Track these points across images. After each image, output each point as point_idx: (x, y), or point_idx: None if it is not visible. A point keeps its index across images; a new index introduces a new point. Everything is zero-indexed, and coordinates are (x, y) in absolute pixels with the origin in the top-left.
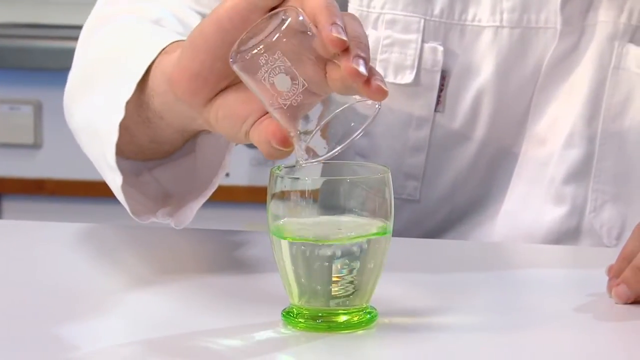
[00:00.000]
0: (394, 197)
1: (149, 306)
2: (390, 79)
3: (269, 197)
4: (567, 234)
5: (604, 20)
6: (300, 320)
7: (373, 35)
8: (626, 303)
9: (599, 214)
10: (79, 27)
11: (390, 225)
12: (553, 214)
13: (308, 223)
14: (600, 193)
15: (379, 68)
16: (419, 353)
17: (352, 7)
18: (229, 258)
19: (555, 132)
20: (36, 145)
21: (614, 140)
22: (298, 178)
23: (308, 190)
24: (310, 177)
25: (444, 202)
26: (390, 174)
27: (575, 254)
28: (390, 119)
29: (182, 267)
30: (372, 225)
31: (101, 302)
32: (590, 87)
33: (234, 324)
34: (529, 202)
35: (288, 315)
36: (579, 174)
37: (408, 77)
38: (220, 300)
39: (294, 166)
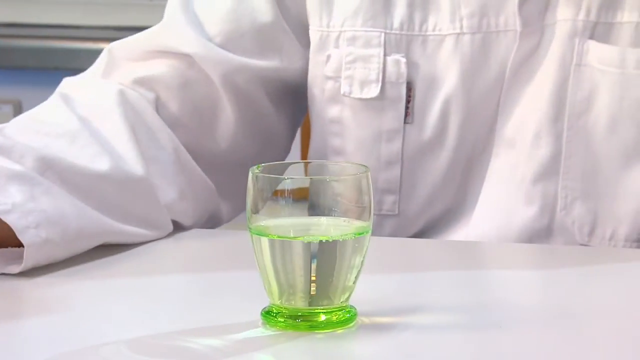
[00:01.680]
0: (363, 207)
1: (128, 306)
2: (356, 94)
3: (248, 196)
4: (540, 233)
5: (563, 19)
6: (279, 319)
7: (336, 54)
8: None
9: (569, 211)
10: (59, 27)
11: (370, 224)
12: (524, 214)
13: (287, 222)
14: (570, 190)
15: (344, 84)
16: (398, 352)
17: (313, 29)
18: (207, 257)
19: (523, 132)
20: None
21: (580, 137)
22: (277, 177)
23: (287, 190)
24: (290, 177)
25: (422, 213)
26: (369, 173)
27: (551, 253)
28: (360, 134)
29: (161, 267)
30: (352, 224)
31: (80, 303)
32: (553, 86)
33: (213, 324)
34: (501, 204)
35: (268, 314)
36: (548, 172)
37: (374, 91)
38: (198, 299)
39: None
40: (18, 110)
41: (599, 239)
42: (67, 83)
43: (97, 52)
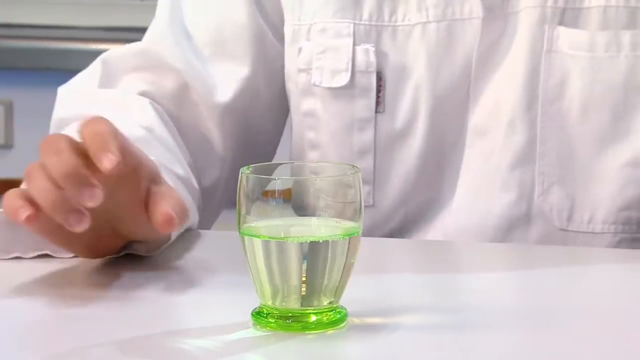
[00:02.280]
0: (347, 202)
1: (118, 307)
2: (326, 83)
3: (238, 197)
4: (518, 219)
5: (530, 6)
6: (270, 320)
7: (307, 46)
8: None
9: (547, 197)
10: (51, 27)
11: (360, 225)
12: (502, 202)
13: (278, 222)
14: (547, 176)
15: (315, 74)
16: (388, 352)
17: (287, 24)
18: (196, 258)
19: (496, 120)
20: (7, 146)
21: (555, 123)
22: (267, 177)
23: (278, 190)
24: (280, 177)
25: (398, 204)
26: (360, 174)
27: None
28: (333, 125)
29: (151, 268)
30: (343, 225)
31: (71, 303)
32: (525, 73)
33: (203, 325)
34: (478, 193)
35: (258, 315)
36: (524, 159)
37: (343, 79)
38: (188, 300)
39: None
40: (9, 110)
41: (578, 223)
42: (78, 94)
43: (88, 53)
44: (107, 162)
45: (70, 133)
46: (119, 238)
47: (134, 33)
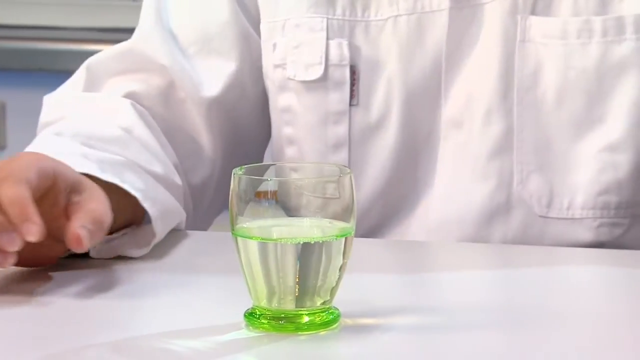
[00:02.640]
0: (327, 198)
1: (110, 308)
2: (301, 77)
3: (231, 198)
4: (499, 208)
5: None
6: (263, 321)
7: (281, 42)
8: None
9: (526, 185)
10: (43, 28)
11: (353, 226)
12: (482, 191)
13: (271, 223)
14: (525, 164)
15: (290, 68)
16: (381, 353)
17: (263, 22)
18: (189, 258)
19: (471, 111)
20: (0, 147)
21: (531, 111)
22: (260, 179)
23: (271, 191)
24: (272, 178)
25: (376, 197)
26: (352, 175)
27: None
28: (308, 119)
29: (143, 269)
30: (335, 225)
31: (62, 304)
32: (499, 63)
33: (196, 326)
34: (457, 184)
35: (251, 316)
36: (502, 148)
37: (317, 72)
38: (181, 301)
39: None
40: (2, 111)
41: (557, 209)
42: (62, 99)
43: (80, 54)
44: (29, 235)
45: (47, 134)
46: (58, 246)
47: (127, 34)
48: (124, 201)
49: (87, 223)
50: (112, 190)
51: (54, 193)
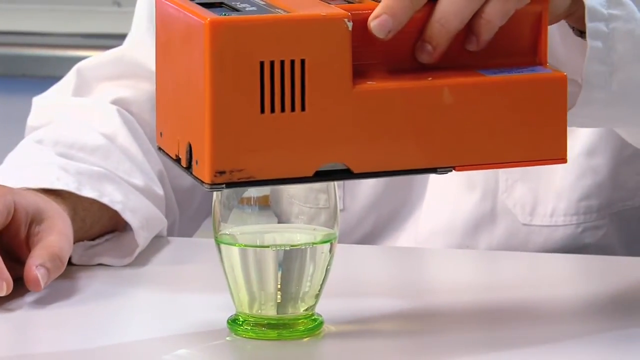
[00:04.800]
0: (319, 208)
1: (93, 316)
2: None
3: (214, 204)
4: (484, 218)
5: None
6: (246, 327)
7: None
8: (387, 37)
9: (511, 193)
10: (27, 34)
11: (336, 232)
12: (468, 201)
13: (253, 229)
14: (510, 173)
15: None
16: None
17: None
18: (171, 265)
19: None
20: None
21: None
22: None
23: (254, 197)
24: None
25: (369, 208)
26: (335, 183)
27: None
28: None
29: (125, 276)
30: (319, 231)
31: (40, 311)
32: None
33: (179, 333)
34: (446, 194)
35: (234, 323)
36: None
37: None
38: (163, 308)
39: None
40: None
41: (541, 216)
42: (50, 103)
43: (65, 59)
44: None
45: (29, 142)
46: (22, 269)
47: (112, 40)
48: (105, 211)
49: (45, 260)
50: (93, 200)
51: (15, 226)
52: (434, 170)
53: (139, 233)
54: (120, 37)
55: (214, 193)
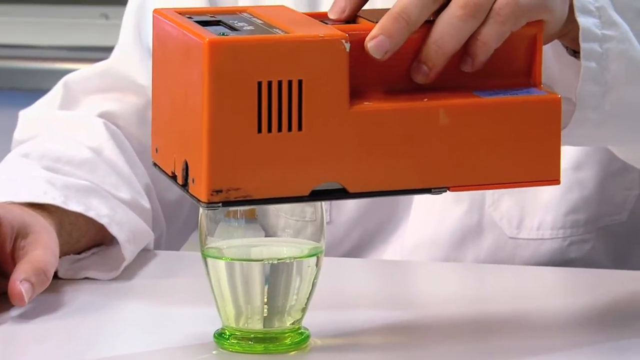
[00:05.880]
0: (306, 221)
1: (79, 330)
2: None
3: (200, 218)
4: (470, 230)
5: None
6: (232, 341)
7: None
8: (384, 57)
9: (497, 206)
10: (14, 46)
11: (322, 245)
12: (454, 214)
13: (240, 243)
14: None
15: None
16: None
17: None
18: (157, 279)
19: None
20: None
21: None
22: None
23: (240, 210)
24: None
25: (356, 221)
26: None
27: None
28: None
29: (112, 290)
30: (305, 245)
31: (25, 326)
32: None
33: (165, 347)
34: (432, 207)
35: (220, 337)
36: None
37: None
38: (150, 322)
39: None
40: None
41: (528, 230)
42: (37, 116)
43: (52, 72)
44: None
45: (15, 155)
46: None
47: (99, 52)
48: (91, 225)
49: (30, 274)
50: (79, 214)
51: (0, 240)
52: (428, 190)
53: (126, 247)
54: (108, 50)
55: (201, 208)
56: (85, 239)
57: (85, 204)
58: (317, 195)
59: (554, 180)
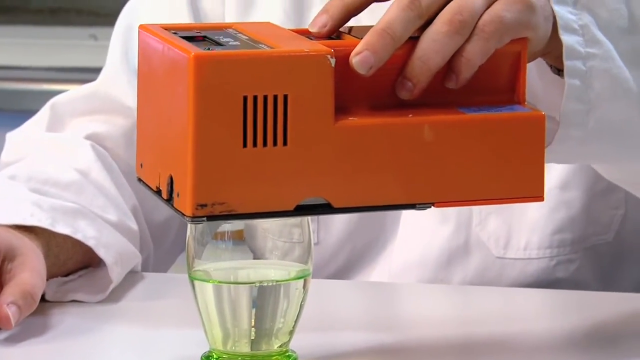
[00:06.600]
0: (293, 242)
1: (65, 353)
2: None
3: (188, 240)
4: (457, 250)
5: None
6: None
7: None
8: (368, 73)
9: (484, 226)
10: (2, 68)
11: (310, 267)
12: (441, 234)
13: (227, 265)
14: (484, 206)
15: None
16: None
17: None
18: (144, 302)
19: None
20: None
21: None
22: (217, 221)
23: (228, 232)
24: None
25: (343, 242)
26: (309, 217)
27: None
28: None
29: (99, 312)
30: (292, 267)
31: (10, 350)
32: None
33: None
34: (419, 227)
35: (208, 359)
36: None
37: None
38: (137, 344)
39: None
40: None
41: (515, 250)
42: (24, 138)
43: (40, 93)
44: None
45: (2, 177)
46: None
47: (87, 73)
48: (79, 247)
49: (17, 297)
50: (66, 236)
51: None
52: (413, 206)
53: (113, 269)
54: (96, 71)
55: (189, 228)
56: (72, 261)
57: (73, 226)
58: (303, 210)
59: (538, 197)
